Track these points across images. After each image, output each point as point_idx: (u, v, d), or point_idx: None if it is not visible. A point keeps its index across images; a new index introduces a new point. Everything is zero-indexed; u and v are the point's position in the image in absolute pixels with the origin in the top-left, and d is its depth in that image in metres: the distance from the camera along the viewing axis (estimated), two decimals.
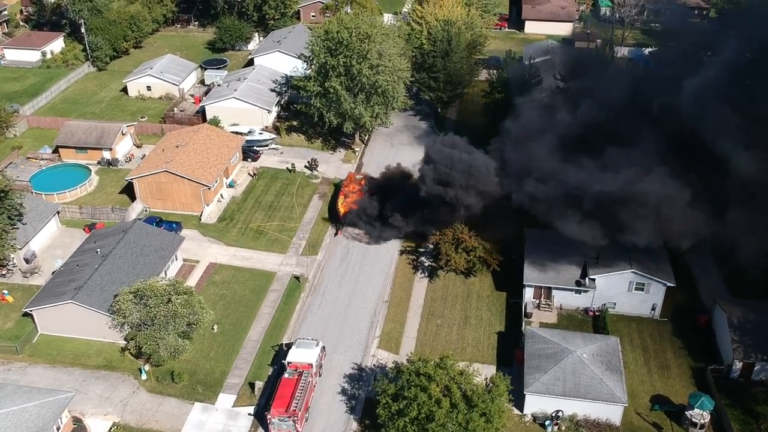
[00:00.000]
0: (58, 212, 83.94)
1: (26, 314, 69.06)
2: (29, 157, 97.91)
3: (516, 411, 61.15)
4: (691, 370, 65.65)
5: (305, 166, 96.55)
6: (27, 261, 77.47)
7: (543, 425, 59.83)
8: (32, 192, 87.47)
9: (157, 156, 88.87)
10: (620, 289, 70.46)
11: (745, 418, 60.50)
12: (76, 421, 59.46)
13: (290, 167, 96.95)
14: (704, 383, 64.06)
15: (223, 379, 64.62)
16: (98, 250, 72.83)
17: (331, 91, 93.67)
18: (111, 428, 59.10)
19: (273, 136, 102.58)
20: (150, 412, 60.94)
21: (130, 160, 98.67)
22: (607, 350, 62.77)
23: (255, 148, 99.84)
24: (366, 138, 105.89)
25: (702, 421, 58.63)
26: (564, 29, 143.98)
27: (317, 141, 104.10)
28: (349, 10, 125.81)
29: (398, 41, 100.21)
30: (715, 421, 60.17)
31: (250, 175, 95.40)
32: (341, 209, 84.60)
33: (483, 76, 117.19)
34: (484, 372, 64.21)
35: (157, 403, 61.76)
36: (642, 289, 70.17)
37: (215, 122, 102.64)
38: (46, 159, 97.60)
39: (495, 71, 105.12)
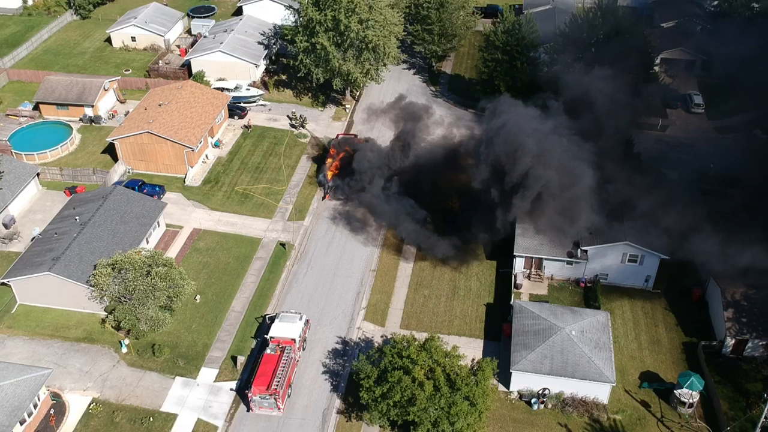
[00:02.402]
0: (38, 174, 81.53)
1: (4, 284, 67.49)
2: (9, 114, 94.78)
3: (502, 388, 60.10)
4: (683, 346, 64.35)
5: (291, 125, 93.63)
6: (5, 226, 75.46)
7: (529, 403, 58.86)
8: (12, 152, 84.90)
9: (140, 115, 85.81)
10: (613, 261, 68.60)
11: (734, 396, 59.37)
12: (55, 396, 58.47)
13: (290, 114, 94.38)
14: (695, 359, 62.87)
15: (205, 353, 63.40)
16: (77, 217, 70.75)
17: (318, 47, 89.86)
18: (90, 404, 58.12)
19: (261, 92, 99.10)
20: (130, 387, 59.89)
21: (113, 116, 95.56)
22: (597, 326, 61.34)
23: (242, 104, 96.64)
24: (357, 94, 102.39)
25: (690, 401, 57.57)
26: None
27: (306, 97, 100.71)
28: None
29: None
30: (704, 399, 59.19)
31: (246, 127, 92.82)
32: (329, 172, 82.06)
33: (479, 26, 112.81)
34: (471, 347, 63.34)
35: (138, 378, 60.68)
36: (635, 261, 68.30)
37: (200, 77, 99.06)
38: (26, 116, 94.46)
39: (492, 24, 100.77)
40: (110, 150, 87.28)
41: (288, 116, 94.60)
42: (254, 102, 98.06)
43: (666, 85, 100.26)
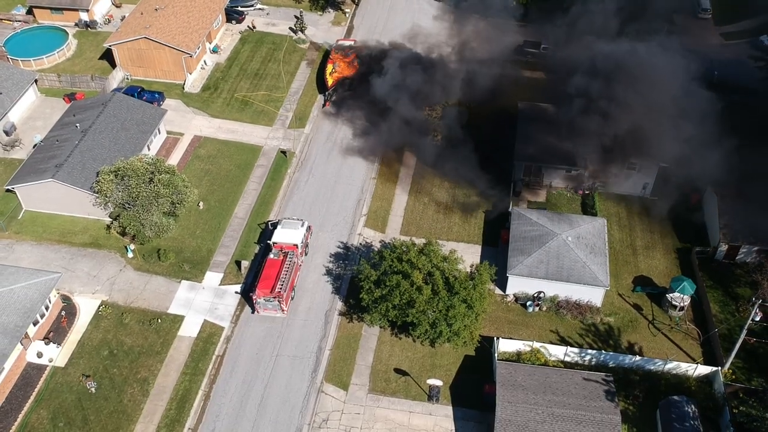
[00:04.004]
0: (36, 80, 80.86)
1: (9, 190, 68.21)
2: (2, 19, 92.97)
3: (498, 291, 61.85)
4: (677, 252, 65.66)
5: (291, 29, 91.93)
6: (7, 133, 75.51)
7: (524, 305, 60.73)
8: (8, 58, 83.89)
9: (136, 20, 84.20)
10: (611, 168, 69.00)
11: (725, 300, 61.18)
12: (65, 299, 60.31)
13: (297, 15, 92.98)
14: (689, 264, 64.30)
15: (210, 258, 64.84)
16: (78, 124, 70.71)
17: None
18: (99, 306, 60.00)
19: None
20: (137, 290, 61.64)
21: (109, 21, 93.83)
22: (593, 232, 62.41)
23: (239, 8, 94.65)
24: None
25: (682, 304, 59.37)
26: None
27: (306, 0, 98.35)
28: None
29: None
30: (695, 303, 60.98)
31: (250, 28, 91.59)
32: (329, 79, 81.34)
33: None
34: (469, 252, 64.69)
35: (144, 282, 62.36)
36: (634, 168, 68.72)
37: None
38: (20, 20, 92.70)
39: None
40: (107, 56, 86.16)
41: (296, 16, 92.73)
42: (252, 6, 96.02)
43: None
